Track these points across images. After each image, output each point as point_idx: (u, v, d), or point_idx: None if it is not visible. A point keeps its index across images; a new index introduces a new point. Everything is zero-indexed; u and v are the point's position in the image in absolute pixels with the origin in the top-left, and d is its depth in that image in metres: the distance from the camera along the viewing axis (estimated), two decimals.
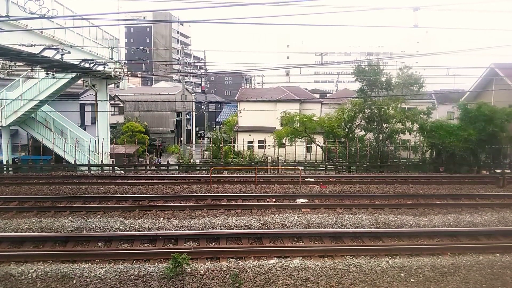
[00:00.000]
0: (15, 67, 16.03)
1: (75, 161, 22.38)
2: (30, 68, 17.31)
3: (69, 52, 14.24)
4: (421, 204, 13.33)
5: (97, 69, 18.87)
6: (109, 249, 9.75)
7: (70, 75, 20.40)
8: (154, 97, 44.36)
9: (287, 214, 11.75)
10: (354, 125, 24.51)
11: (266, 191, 14.93)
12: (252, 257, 9.26)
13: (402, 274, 8.70)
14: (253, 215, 11.86)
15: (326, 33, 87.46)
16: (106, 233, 10.48)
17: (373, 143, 23.21)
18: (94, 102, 23.62)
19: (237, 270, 8.47)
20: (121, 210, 12.29)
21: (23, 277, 8.23)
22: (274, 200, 13.70)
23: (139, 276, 8.28)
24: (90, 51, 18.69)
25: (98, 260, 9.09)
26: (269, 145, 26.30)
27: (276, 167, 21.39)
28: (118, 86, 24.82)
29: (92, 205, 12.89)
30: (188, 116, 43.76)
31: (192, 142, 37.36)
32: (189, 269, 8.45)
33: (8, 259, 9.01)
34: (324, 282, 8.42)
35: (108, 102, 25.88)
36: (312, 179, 17.30)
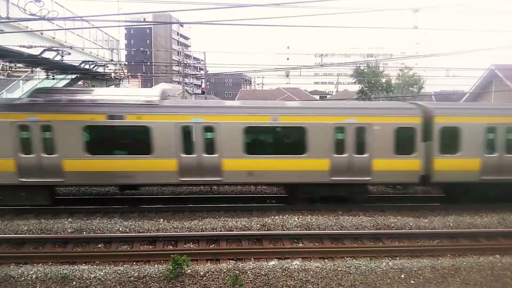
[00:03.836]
0: (15, 68, 16.02)
1: None
2: (30, 70, 17.32)
3: (69, 54, 14.26)
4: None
5: (97, 70, 18.87)
6: (109, 250, 9.76)
7: (70, 76, 20.41)
8: None
9: (287, 215, 11.75)
10: None
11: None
12: (252, 259, 9.26)
13: (402, 276, 8.71)
14: (253, 216, 11.85)
15: (326, 34, 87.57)
16: (106, 234, 10.48)
17: None
18: None
19: (237, 272, 8.48)
20: (121, 212, 12.27)
21: (23, 278, 8.23)
22: None
23: (139, 278, 8.29)
24: (90, 52, 18.72)
25: (98, 262, 9.09)
26: None
27: None
28: (118, 87, 24.84)
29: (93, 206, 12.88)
30: None
31: None
32: (189, 271, 8.46)
33: (8, 261, 9.02)
34: (324, 283, 8.43)
35: None
36: None
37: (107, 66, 19.82)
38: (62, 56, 13.79)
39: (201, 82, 43.55)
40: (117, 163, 11.71)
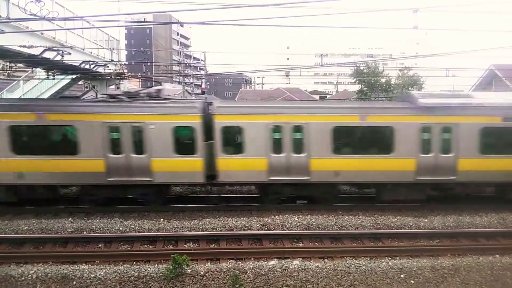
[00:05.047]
0: (16, 68, 16.02)
1: None
2: (30, 70, 17.31)
3: (70, 54, 14.24)
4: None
5: (97, 70, 18.85)
6: (109, 250, 9.78)
7: (70, 76, 20.39)
8: None
9: (287, 215, 11.76)
10: None
11: None
12: (252, 258, 9.27)
13: (402, 276, 8.72)
14: (253, 216, 11.86)
15: (326, 34, 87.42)
16: (106, 234, 10.49)
17: None
18: None
19: (237, 271, 8.49)
20: (121, 212, 12.27)
21: (23, 278, 8.25)
22: None
23: (139, 278, 8.31)
24: (91, 52, 18.69)
25: (98, 261, 9.11)
26: None
27: None
28: (118, 88, 24.83)
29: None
30: None
31: None
32: (189, 270, 8.48)
33: (8, 260, 9.04)
34: (324, 283, 8.44)
35: None
36: None
37: (107, 66, 19.80)
38: (62, 56, 13.78)
39: (201, 82, 43.47)
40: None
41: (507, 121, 12.29)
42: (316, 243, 10.33)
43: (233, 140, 12.20)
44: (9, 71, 15.26)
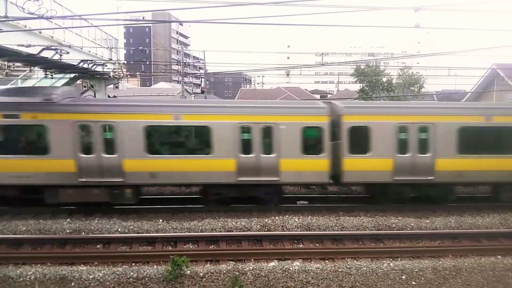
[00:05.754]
0: (14, 67, 15.91)
1: None
2: (28, 69, 17.24)
3: (68, 53, 14.15)
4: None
5: (96, 69, 18.75)
6: (107, 251, 9.70)
7: (68, 75, 20.32)
8: (153, 98, 44.11)
9: (287, 216, 11.68)
10: None
11: None
12: (252, 260, 9.20)
13: (403, 277, 8.66)
14: (253, 217, 11.78)
15: (327, 33, 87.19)
16: (104, 235, 10.41)
17: None
18: None
19: (237, 273, 8.43)
20: (120, 212, 12.19)
21: (21, 279, 8.20)
22: None
23: (138, 279, 8.25)
24: (89, 51, 18.60)
25: (97, 263, 9.04)
26: None
27: None
28: (117, 87, 24.72)
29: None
30: None
31: None
32: (188, 272, 8.41)
33: (6, 261, 8.97)
34: (324, 285, 8.38)
35: None
36: None
37: (106, 65, 19.70)
38: (60, 55, 13.68)
39: (201, 81, 43.34)
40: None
41: (6, 118, 11.61)
42: (317, 244, 10.26)
43: None
44: (7, 70, 15.14)
